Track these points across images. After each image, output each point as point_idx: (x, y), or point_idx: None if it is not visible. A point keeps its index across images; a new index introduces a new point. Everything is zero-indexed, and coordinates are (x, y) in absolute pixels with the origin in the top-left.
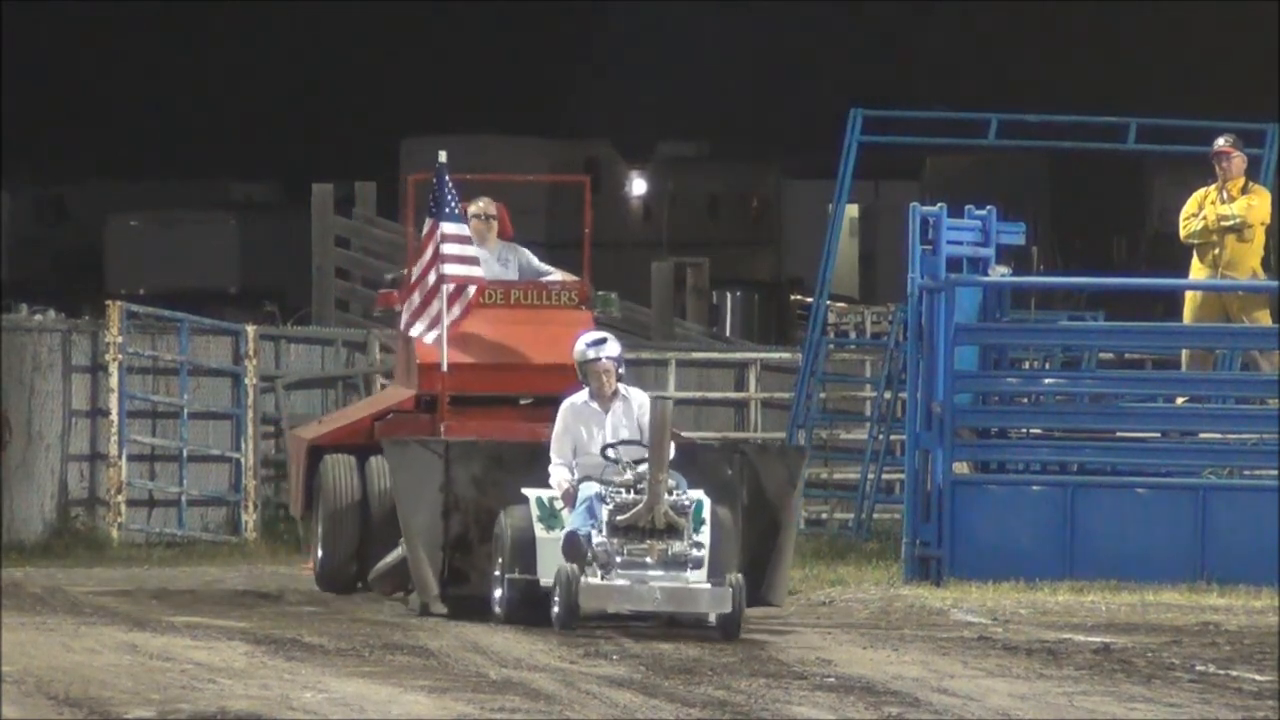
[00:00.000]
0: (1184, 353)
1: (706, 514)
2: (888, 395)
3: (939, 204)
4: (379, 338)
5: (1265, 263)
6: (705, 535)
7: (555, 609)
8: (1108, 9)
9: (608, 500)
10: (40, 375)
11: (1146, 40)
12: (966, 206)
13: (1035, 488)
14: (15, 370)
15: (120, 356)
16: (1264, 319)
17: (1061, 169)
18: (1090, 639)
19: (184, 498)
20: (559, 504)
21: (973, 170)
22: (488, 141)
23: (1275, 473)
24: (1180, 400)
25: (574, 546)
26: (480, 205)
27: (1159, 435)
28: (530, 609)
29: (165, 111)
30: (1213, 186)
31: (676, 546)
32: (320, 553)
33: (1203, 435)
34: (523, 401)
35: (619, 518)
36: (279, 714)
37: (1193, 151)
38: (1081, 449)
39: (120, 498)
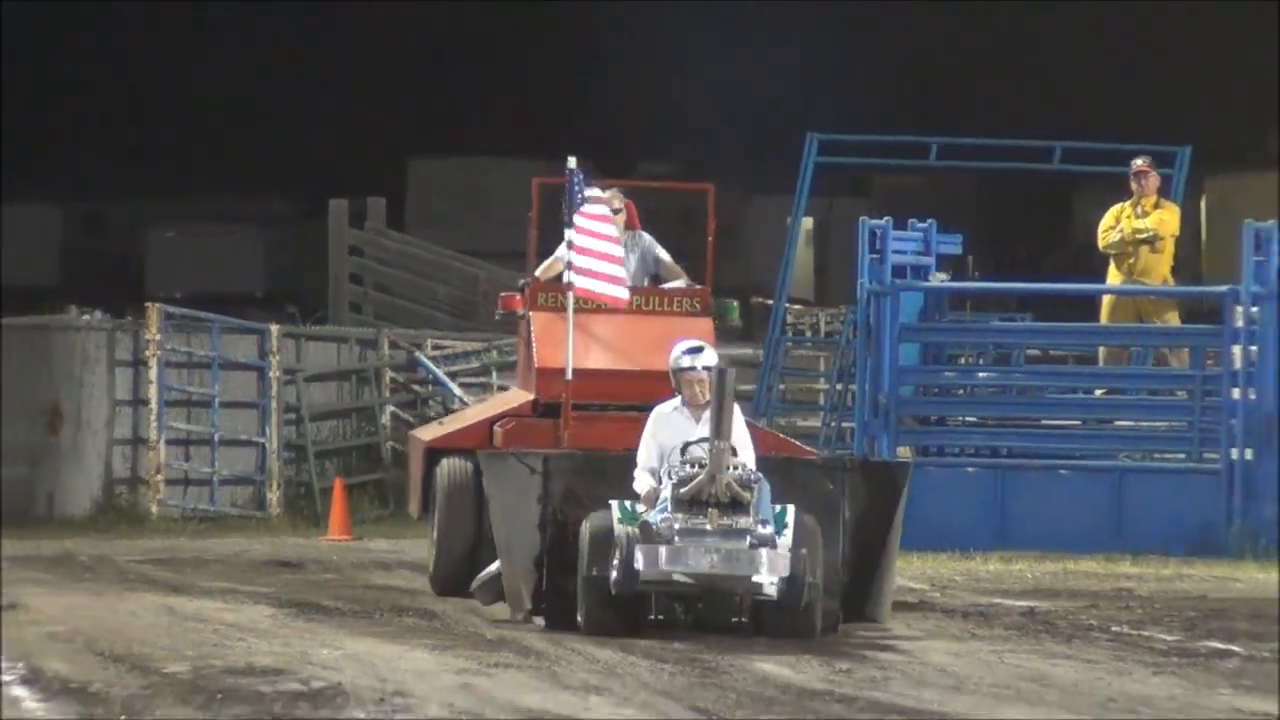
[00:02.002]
0: (1102, 350)
1: (790, 519)
2: (839, 387)
3: (885, 218)
4: (388, 336)
5: (1174, 270)
6: (787, 538)
7: (613, 572)
8: (1041, 47)
9: (673, 476)
10: (88, 369)
11: (1072, 70)
12: (910, 220)
13: (970, 469)
14: (66, 365)
15: (159, 352)
16: (1173, 320)
17: (995, 186)
18: (1017, 603)
19: (215, 478)
20: (641, 508)
21: (916, 187)
22: (486, 163)
23: (1183, 456)
24: (1099, 392)
25: (647, 530)
26: (608, 195)
27: (1079, 423)
28: (606, 607)
29: (195, 134)
30: (1128, 202)
31: (741, 521)
32: (434, 554)
33: (1118, 423)
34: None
35: (682, 490)
36: (299, 668)
37: (1112, 171)
38: (1011, 435)
39: (159, 477)
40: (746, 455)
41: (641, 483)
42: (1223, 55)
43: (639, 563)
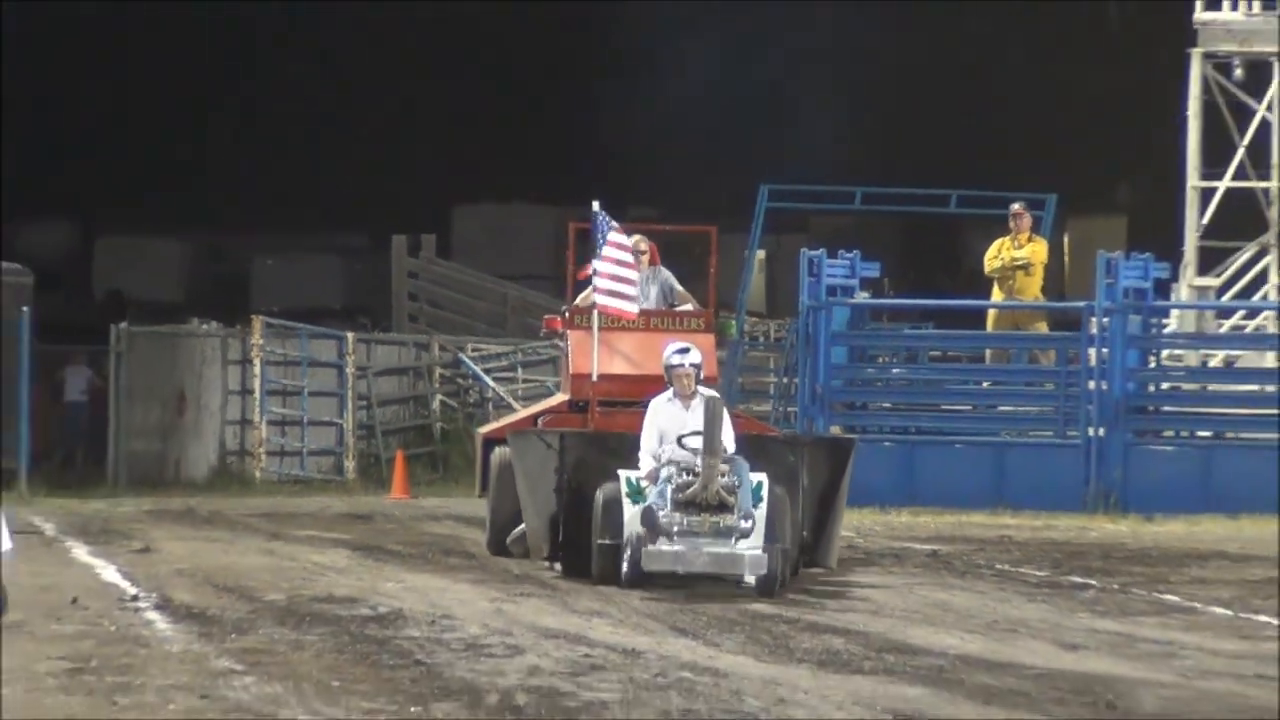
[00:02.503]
0: (988, 351)
1: (765, 493)
2: (785, 381)
3: (820, 250)
4: (438, 341)
5: (1043, 290)
6: (763, 509)
7: (624, 568)
8: (943, 111)
9: (672, 481)
10: (206, 366)
11: (967, 130)
12: (839, 251)
13: (886, 444)
14: (189, 362)
15: (260, 353)
16: (1042, 328)
17: (906, 224)
18: (923, 547)
19: (304, 450)
20: (644, 482)
21: (845, 225)
22: (510, 208)
23: (1050, 433)
24: (985, 384)
25: (649, 516)
26: (634, 240)
27: (970, 408)
28: (615, 569)
29: (288, 182)
30: (1008, 237)
31: (727, 520)
32: (488, 523)
33: (1001, 408)
34: None
35: (679, 495)
36: (369, 597)
37: (995, 213)
38: (918, 417)
39: (261, 450)
40: (728, 439)
41: (645, 463)
42: (1086, 120)
43: (645, 563)
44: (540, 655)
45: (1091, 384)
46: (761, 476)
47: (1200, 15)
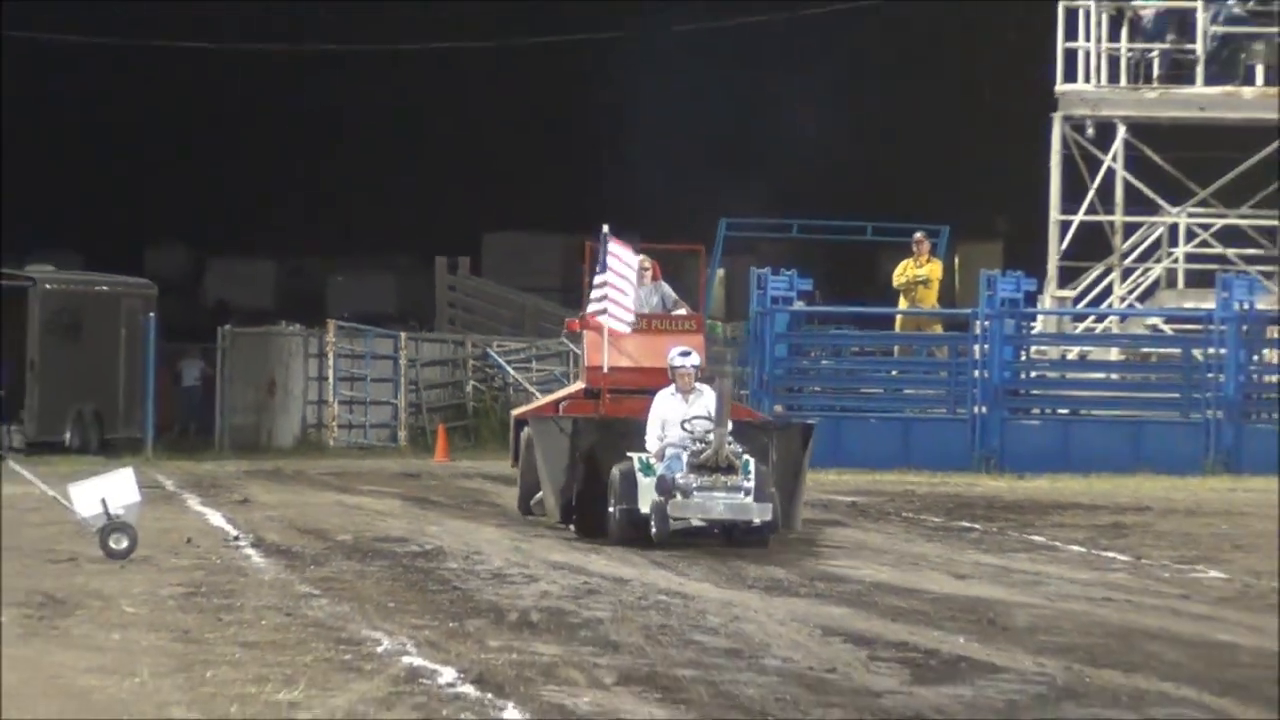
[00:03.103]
0: (896, 348)
1: (752, 467)
2: (740, 370)
3: (766, 269)
4: (471, 339)
5: (938, 299)
6: (752, 477)
7: (653, 529)
8: (865, 154)
9: (689, 447)
10: (291, 358)
11: (880, 170)
12: (781, 269)
13: (817, 419)
14: (278, 356)
15: (333, 349)
16: (938, 330)
17: (833, 248)
18: (846, 498)
19: (367, 423)
20: (653, 460)
21: (785, 249)
22: (528, 236)
23: (944, 410)
24: (894, 373)
25: (664, 484)
26: (640, 259)
27: (882, 391)
28: (632, 529)
29: (352, 214)
30: (911, 259)
31: (734, 479)
32: (519, 489)
33: (906, 391)
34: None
35: (695, 460)
36: (417, 537)
37: (902, 240)
38: (842, 399)
39: (333, 423)
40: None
41: (651, 445)
42: (972, 167)
43: (673, 510)
44: (549, 583)
45: (976, 373)
46: (748, 457)
47: (1060, 87)
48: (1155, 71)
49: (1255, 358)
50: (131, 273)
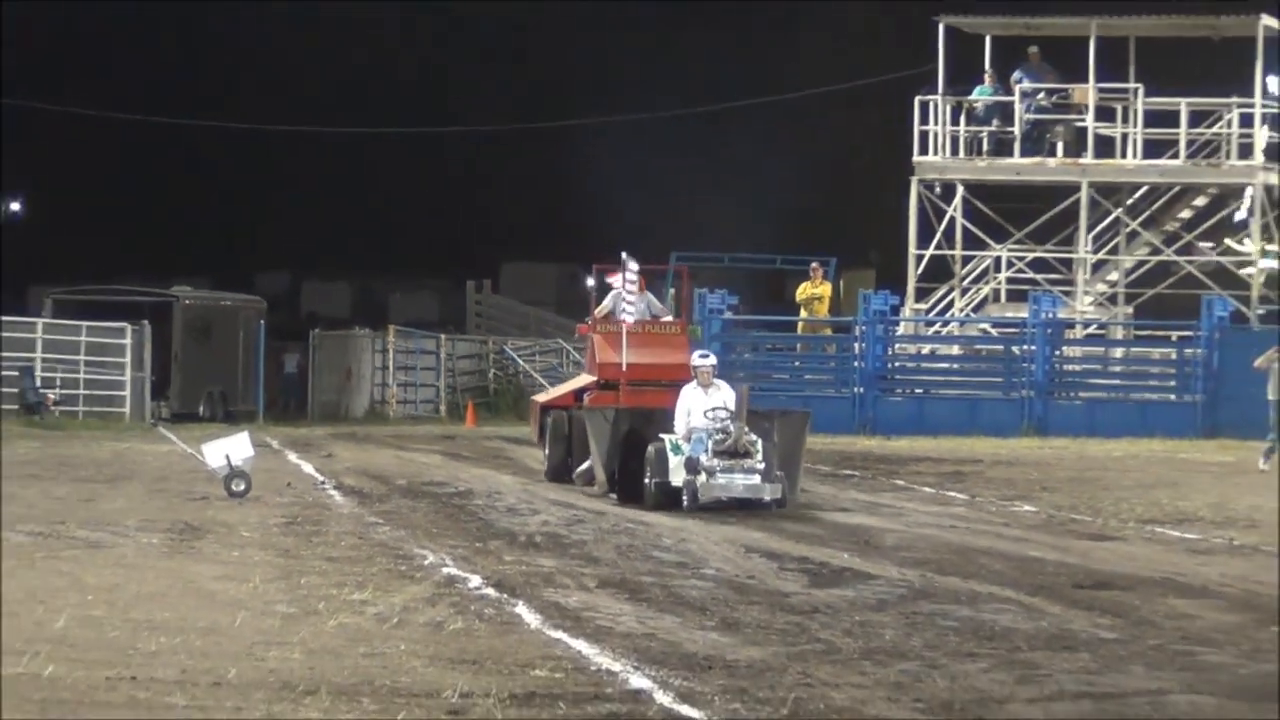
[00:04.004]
0: (798, 345)
1: (760, 449)
2: None
3: (705, 290)
4: (493, 340)
5: (830, 311)
6: (763, 461)
7: (685, 502)
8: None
9: (713, 436)
10: (362, 353)
11: (792, 209)
12: (717, 290)
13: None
14: (354, 352)
15: (393, 346)
16: (829, 333)
17: (754, 273)
18: None
19: (417, 400)
20: (681, 442)
21: (719, 274)
22: (536, 265)
23: (833, 391)
24: (797, 364)
25: (692, 464)
26: (635, 273)
27: (788, 378)
28: (665, 498)
29: (409, 247)
30: (809, 281)
31: (748, 463)
32: (547, 460)
33: (806, 377)
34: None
35: (718, 446)
36: (452, 481)
37: (802, 268)
38: (760, 383)
39: (393, 400)
40: (734, 405)
41: (679, 429)
42: (851, 215)
43: (701, 491)
44: (548, 515)
45: (856, 364)
46: (758, 439)
47: (917, 158)
48: (984, 147)
49: (1056, 352)
50: (247, 291)
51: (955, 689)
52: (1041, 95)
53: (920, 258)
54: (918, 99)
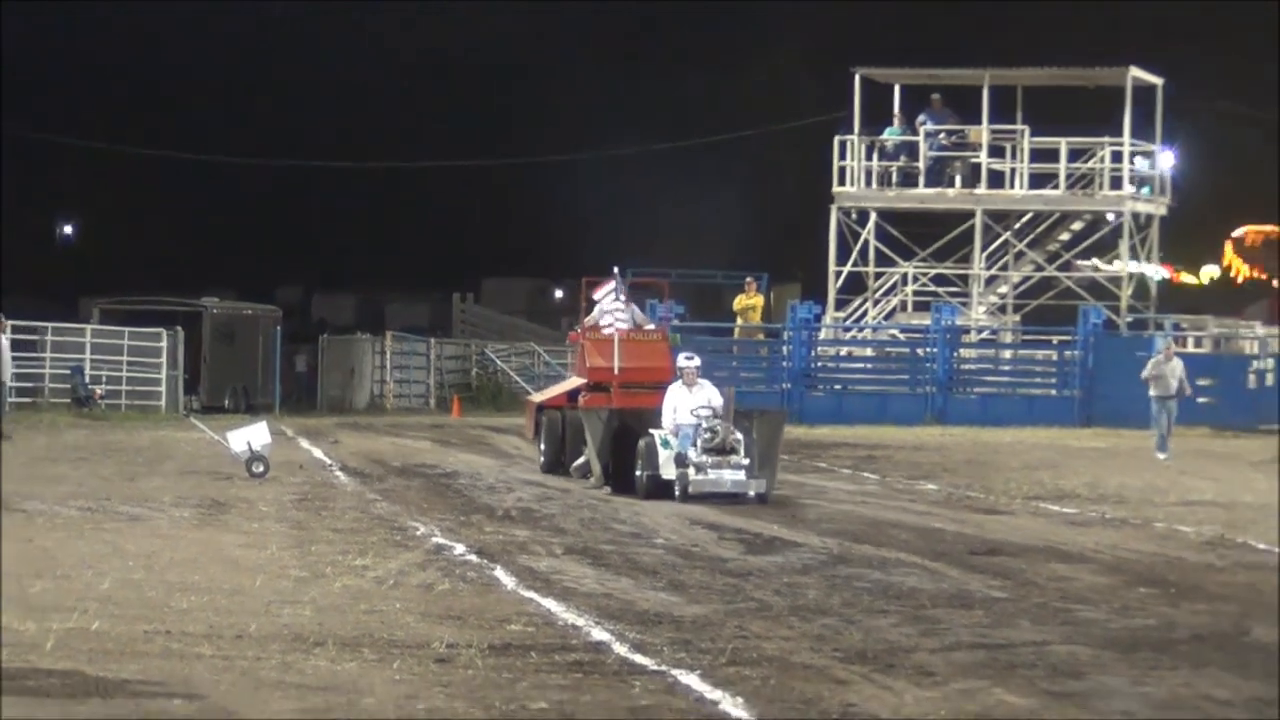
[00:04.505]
0: (735, 348)
1: (743, 446)
2: None
3: (655, 300)
4: (475, 344)
5: (762, 318)
6: (745, 457)
7: (677, 493)
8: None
9: (703, 433)
10: (363, 355)
11: (724, 233)
12: (666, 301)
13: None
14: (356, 355)
15: (390, 348)
16: (760, 337)
17: (697, 287)
18: None
19: (410, 394)
20: (669, 437)
21: (665, 288)
22: (512, 280)
23: (763, 387)
24: (735, 363)
25: (681, 459)
26: (619, 287)
27: (726, 374)
28: (655, 489)
29: (404, 264)
30: (744, 294)
31: (734, 459)
32: (543, 455)
33: (742, 374)
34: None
35: (707, 444)
36: (440, 463)
37: (738, 282)
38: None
39: (390, 393)
40: (717, 402)
41: (666, 423)
42: (782, 238)
43: (692, 486)
44: (522, 493)
45: (784, 364)
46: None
47: (836, 189)
48: (894, 179)
49: (954, 354)
50: (265, 302)
51: (868, 640)
52: (942, 135)
53: (839, 274)
54: (837, 138)
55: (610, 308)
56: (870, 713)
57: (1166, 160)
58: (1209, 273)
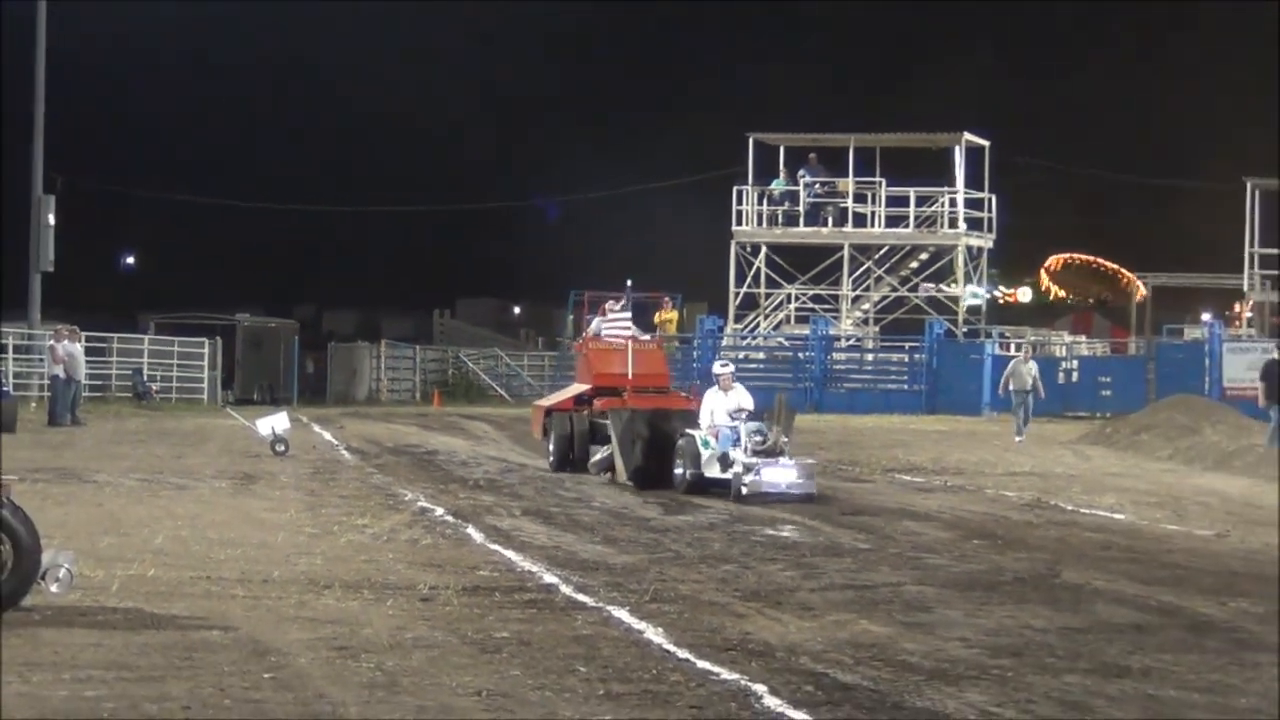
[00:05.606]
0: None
1: (789, 449)
2: None
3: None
4: (451, 351)
5: (677, 329)
6: (793, 461)
7: (731, 495)
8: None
9: (754, 437)
10: (363, 359)
11: (655, 255)
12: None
13: None
14: (358, 359)
15: (384, 354)
16: (676, 344)
17: (637, 307)
18: None
19: (400, 389)
20: (709, 438)
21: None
22: (479, 300)
23: (678, 384)
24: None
25: (724, 458)
26: (615, 302)
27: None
28: (697, 487)
29: (392, 288)
30: (663, 309)
31: (783, 460)
32: (552, 454)
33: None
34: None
35: (759, 447)
36: (426, 444)
37: (657, 301)
38: None
39: (384, 388)
40: (749, 405)
41: (704, 423)
42: (687, 266)
43: (749, 487)
44: (489, 467)
45: (694, 365)
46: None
47: (735, 227)
48: (780, 220)
49: (828, 357)
50: (286, 317)
51: (762, 582)
52: (818, 185)
53: (737, 294)
54: (735, 188)
55: (617, 318)
56: (763, 640)
57: (992, 204)
58: (1024, 293)
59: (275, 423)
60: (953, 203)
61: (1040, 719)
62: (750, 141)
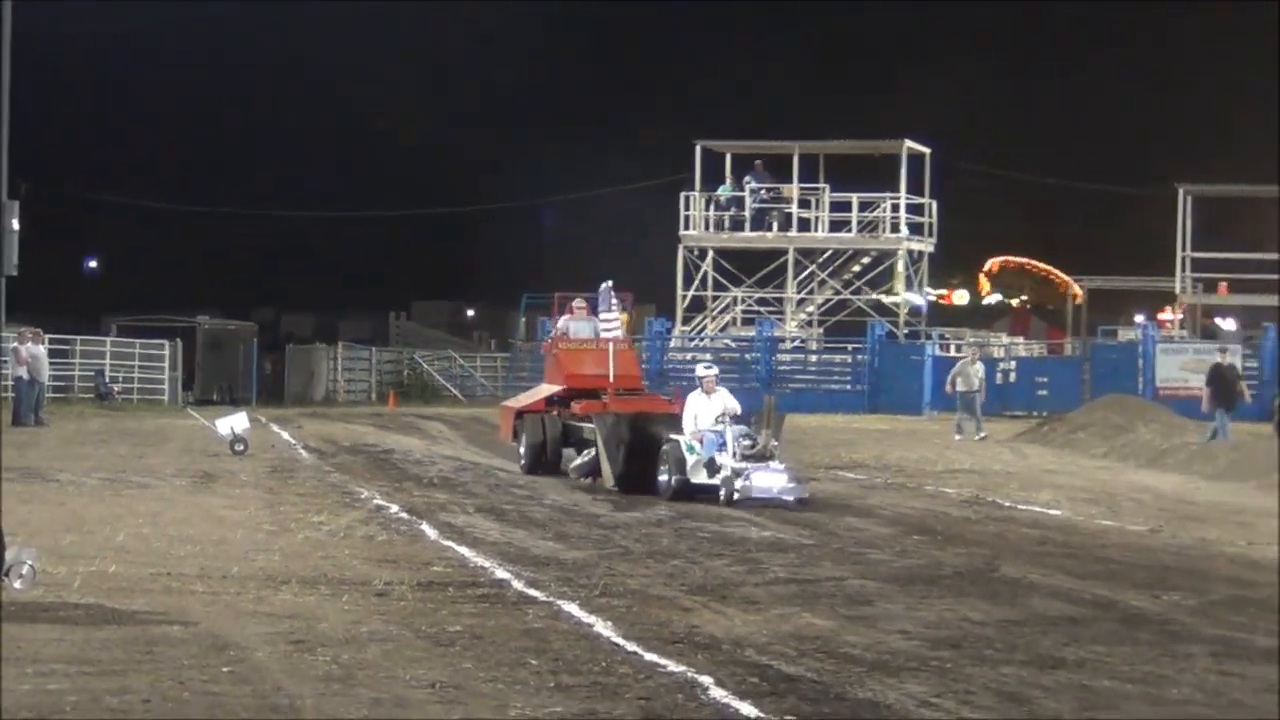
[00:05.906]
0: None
1: (778, 453)
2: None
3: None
4: (405, 351)
5: (629, 330)
6: (783, 465)
7: (721, 498)
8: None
9: (742, 441)
10: (320, 360)
11: (616, 258)
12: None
13: None
14: (316, 361)
15: (341, 355)
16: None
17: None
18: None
19: (356, 390)
20: (694, 443)
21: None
22: (434, 302)
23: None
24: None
25: (711, 463)
26: (578, 300)
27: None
28: (683, 493)
29: (353, 294)
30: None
31: (773, 465)
32: (524, 457)
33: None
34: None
35: (748, 451)
36: (383, 443)
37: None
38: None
39: (341, 389)
40: (735, 408)
41: (688, 428)
42: (645, 271)
43: (740, 492)
44: (443, 466)
45: (644, 365)
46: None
47: (682, 232)
48: (726, 225)
49: (773, 358)
50: (245, 319)
51: (708, 577)
52: (763, 192)
53: (685, 296)
54: (683, 193)
55: (608, 317)
56: (709, 633)
57: (933, 210)
58: (961, 296)
59: (234, 423)
60: (894, 208)
61: (979, 709)
62: (698, 149)
